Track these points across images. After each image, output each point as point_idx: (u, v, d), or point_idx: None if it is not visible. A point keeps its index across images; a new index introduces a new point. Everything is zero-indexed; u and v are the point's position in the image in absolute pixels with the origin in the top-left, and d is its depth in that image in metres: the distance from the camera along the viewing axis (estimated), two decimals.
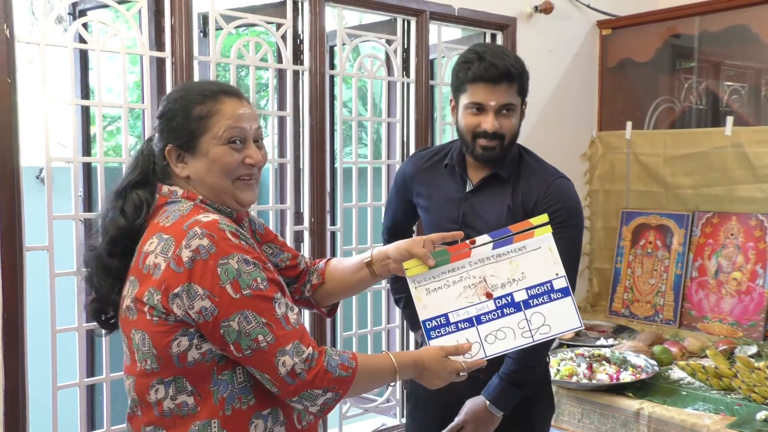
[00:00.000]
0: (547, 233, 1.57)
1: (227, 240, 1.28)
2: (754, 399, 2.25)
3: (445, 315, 1.54)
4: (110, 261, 1.38)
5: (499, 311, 1.54)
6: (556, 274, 1.55)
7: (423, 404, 2.06)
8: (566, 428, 2.50)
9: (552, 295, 1.54)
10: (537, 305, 1.54)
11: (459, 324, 1.53)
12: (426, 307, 1.54)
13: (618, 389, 2.42)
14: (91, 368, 2.50)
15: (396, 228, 2.17)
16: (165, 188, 1.40)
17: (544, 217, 1.59)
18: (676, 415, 2.22)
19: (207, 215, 1.32)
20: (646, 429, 2.27)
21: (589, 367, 2.52)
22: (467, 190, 1.96)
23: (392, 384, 1.46)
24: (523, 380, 1.88)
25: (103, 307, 1.42)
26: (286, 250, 1.62)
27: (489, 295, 1.54)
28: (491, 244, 1.57)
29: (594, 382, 2.45)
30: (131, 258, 1.37)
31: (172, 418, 1.32)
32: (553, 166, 1.99)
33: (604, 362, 2.60)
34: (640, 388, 2.42)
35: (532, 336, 1.53)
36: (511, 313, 1.53)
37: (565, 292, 1.54)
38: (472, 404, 1.91)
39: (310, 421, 1.43)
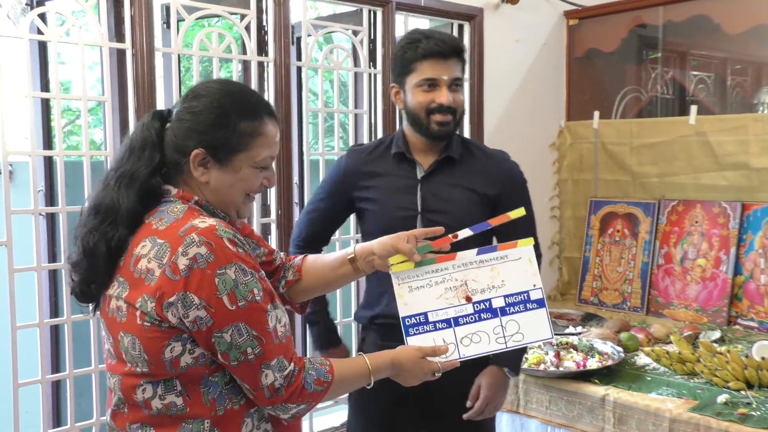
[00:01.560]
0: (529, 245, 1.63)
1: (225, 248, 1.26)
2: (716, 383, 2.28)
3: (425, 314, 1.57)
4: (119, 244, 1.32)
5: (476, 315, 1.58)
6: (534, 285, 1.60)
7: (366, 396, 2.04)
8: (534, 415, 2.52)
9: (528, 304, 1.59)
10: (513, 313, 1.58)
11: (437, 324, 1.57)
12: (407, 304, 1.57)
13: (585, 376, 2.44)
14: (56, 364, 2.47)
15: (314, 236, 2.09)
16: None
17: (521, 211, 1.64)
18: (640, 400, 2.25)
19: (203, 220, 1.29)
20: (611, 415, 2.30)
21: (557, 355, 2.54)
22: (420, 175, 1.97)
23: (368, 385, 1.47)
24: None
25: (90, 287, 1.35)
26: (262, 246, 1.61)
27: (468, 299, 1.58)
28: (475, 249, 1.61)
29: (561, 369, 2.47)
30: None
31: (161, 417, 1.31)
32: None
33: (571, 350, 2.62)
34: (606, 375, 2.44)
35: (505, 342, 1.57)
36: (487, 318, 1.58)
37: (540, 303, 1.60)
38: (490, 376, 1.98)
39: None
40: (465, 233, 1.60)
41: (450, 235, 1.60)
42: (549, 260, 3.69)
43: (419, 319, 1.57)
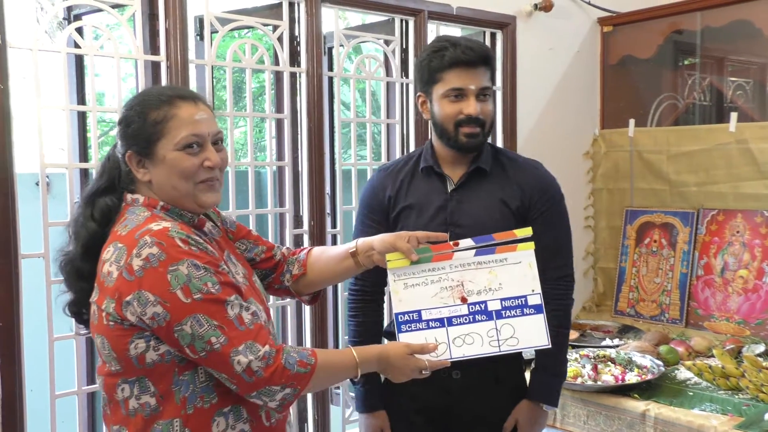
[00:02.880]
0: (529, 249, 1.61)
1: (176, 247, 1.31)
2: (762, 399, 2.21)
3: (418, 311, 1.58)
4: (82, 265, 1.42)
5: (470, 317, 1.58)
6: (532, 290, 1.59)
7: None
8: (572, 430, 2.47)
9: (525, 309, 1.58)
10: (508, 317, 1.58)
11: (430, 322, 1.57)
12: (401, 300, 1.58)
13: (623, 390, 2.38)
14: (91, 376, 2.49)
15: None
16: (129, 196, 1.44)
17: (528, 230, 1.63)
18: (682, 416, 2.19)
19: (159, 223, 1.34)
20: (653, 430, 2.23)
21: (594, 368, 2.49)
22: (450, 189, 1.92)
23: (354, 379, 1.47)
24: (562, 369, 1.97)
25: (80, 309, 1.47)
26: (261, 244, 1.67)
27: (464, 300, 1.58)
28: (473, 250, 1.60)
29: (599, 383, 2.42)
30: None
31: (137, 418, 1.35)
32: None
33: (609, 363, 2.56)
34: (646, 389, 2.38)
35: (498, 346, 1.56)
36: (482, 320, 1.57)
37: (538, 309, 1.58)
38: (527, 412, 1.92)
39: (279, 418, 1.46)
40: (467, 242, 1.61)
41: (451, 242, 1.61)
42: (583, 271, 3.62)
43: (412, 316, 1.57)
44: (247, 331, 1.32)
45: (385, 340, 2.05)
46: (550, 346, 1.59)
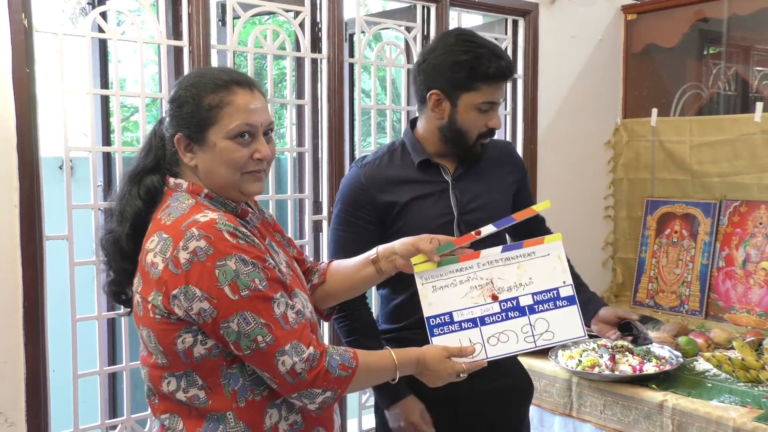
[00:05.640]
0: (557, 241, 1.60)
1: (224, 240, 1.27)
2: None
3: (450, 314, 1.55)
4: (128, 245, 1.37)
5: (503, 314, 1.55)
6: (563, 282, 1.57)
7: None
8: (588, 419, 2.46)
9: (558, 302, 1.56)
10: (542, 311, 1.55)
11: (462, 323, 1.54)
12: (431, 304, 1.55)
13: (641, 381, 2.37)
14: (113, 356, 2.53)
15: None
16: (172, 181, 1.39)
17: (546, 203, 1.65)
18: (700, 407, 2.17)
19: (206, 214, 1.30)
20: (670, 421, 2.22)
21: (612, 358, 2.48)
22: (450, 178, 1.89)
23: (393, 380, 1.45)
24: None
25: (122, 289, 1.43)
26: (293, 246, 1.62)
27: (495, 298, 1.56)
28: (500, 247, 1.59)
29: (616, 373, 2.41)
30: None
31: (188, 407, 1.34)
32: None
33: (627, 353, 2.55)
34: (664, 380, 2.37)
35: (534, 341, 1.54)
36: (515, 317, 1.55)
37: (571, 301, 1.56)
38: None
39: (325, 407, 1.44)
40: (488, 229, 1.59)
41: (473, 232, 1.58)
42: (602, 261, 3.61)
43: (444, 319, 1.54)
44: (292, 331, 1.30)
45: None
46: (586, 337, 1.59)
